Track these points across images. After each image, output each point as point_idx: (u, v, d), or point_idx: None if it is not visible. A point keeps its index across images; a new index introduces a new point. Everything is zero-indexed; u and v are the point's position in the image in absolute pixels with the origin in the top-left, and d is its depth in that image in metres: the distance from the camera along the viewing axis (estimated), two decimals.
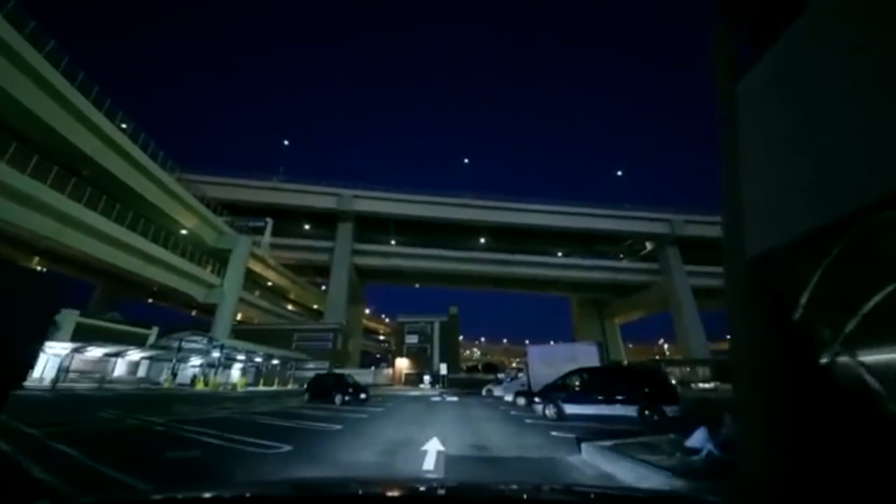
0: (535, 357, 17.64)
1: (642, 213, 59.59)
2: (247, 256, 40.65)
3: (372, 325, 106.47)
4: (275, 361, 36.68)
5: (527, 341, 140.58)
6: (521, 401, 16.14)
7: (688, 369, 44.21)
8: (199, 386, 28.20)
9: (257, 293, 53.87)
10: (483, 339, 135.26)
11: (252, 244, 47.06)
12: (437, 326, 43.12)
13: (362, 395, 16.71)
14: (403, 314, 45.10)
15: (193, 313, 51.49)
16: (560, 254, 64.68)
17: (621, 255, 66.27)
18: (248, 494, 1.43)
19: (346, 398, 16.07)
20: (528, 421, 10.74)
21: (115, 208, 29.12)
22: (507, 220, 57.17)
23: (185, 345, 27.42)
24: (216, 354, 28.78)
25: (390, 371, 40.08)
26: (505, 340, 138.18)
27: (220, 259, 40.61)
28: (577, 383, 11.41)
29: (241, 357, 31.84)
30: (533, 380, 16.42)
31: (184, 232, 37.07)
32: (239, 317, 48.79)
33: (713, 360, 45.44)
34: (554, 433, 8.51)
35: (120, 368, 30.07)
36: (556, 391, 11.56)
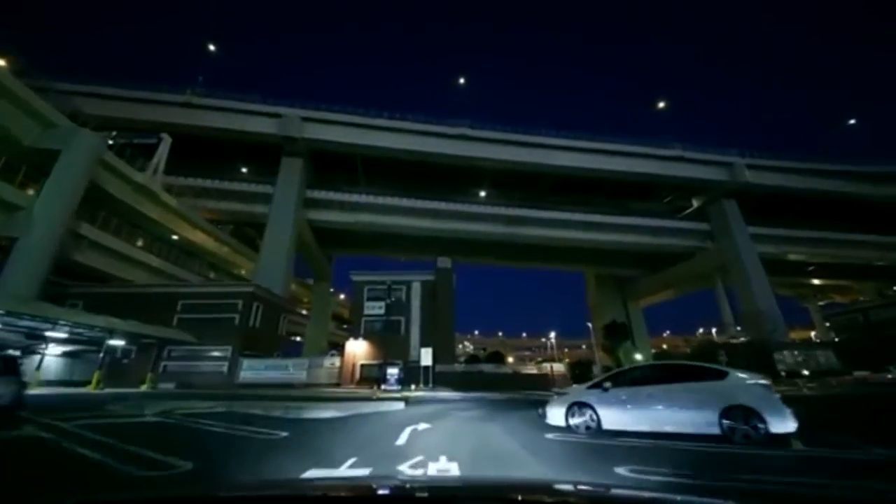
0: None
1: (695, 153, 43.23)
2: (88, 165, 22.83)
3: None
4: (113, 343, 19.00)
5: (524, 334, 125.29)
6: None
7: (797, 355, 27.70)
8: None
9: (204, 268, 36.45)
10: (477, 332, 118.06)
11: (150, 177, 29.32)
12: (416, 288, 25.77)
13: None
14: (361, 270, 27.23)
15: None
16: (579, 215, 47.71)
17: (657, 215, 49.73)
18: (248, 494, 1.39)
19: None
20: None
21: None
22: (519, 158, 40.31)
23: None
24: None
25: (336, 362, 22.66)
26: (500, 333, 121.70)
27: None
28: None
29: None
30: None
31: None
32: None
33: (830, 342, 29.59)
34: None
35: None
36: None
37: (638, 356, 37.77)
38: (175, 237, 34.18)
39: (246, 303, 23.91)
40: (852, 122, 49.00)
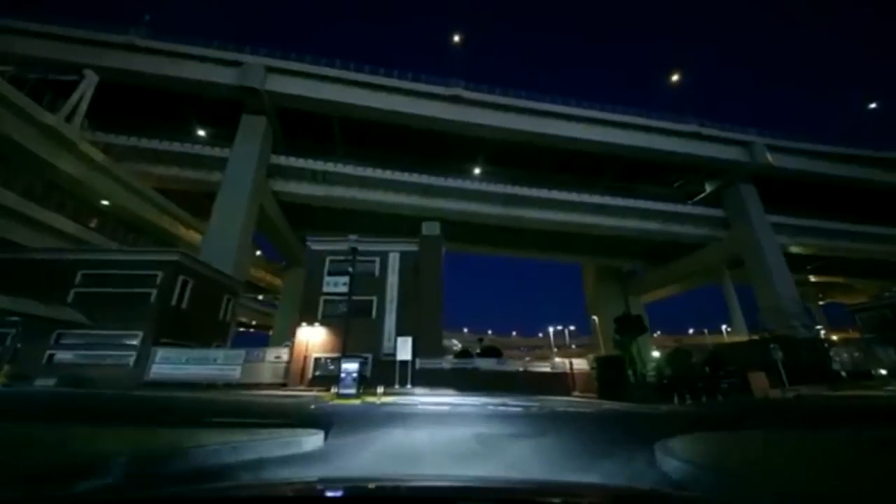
0: None
1: (713, 130, 38.55)
2: None
3: None
4: None
5: (513, 333, 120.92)
6: None
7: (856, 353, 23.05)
8: None
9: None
10: (466, 330, 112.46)
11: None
12: (394, 261, 19.93)
13: None
14: (318, 237, 21.03)
15: None
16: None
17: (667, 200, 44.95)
18: (247, 495, 1.37)
19: None
20: None
21: None
22: (520, 127, 35.01)
23: None
24: None
25: (283, 355, 16.97)
26: (490, 331, 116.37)
27: None
28: None
29: None
30: None
31: None
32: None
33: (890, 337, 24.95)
34: None
35: None
36: None
37: (655, 353, 33.06)
38: (106, 202, 27.90)
39: (168, 275, 17.94)
40: (873, 105, 45.18)
